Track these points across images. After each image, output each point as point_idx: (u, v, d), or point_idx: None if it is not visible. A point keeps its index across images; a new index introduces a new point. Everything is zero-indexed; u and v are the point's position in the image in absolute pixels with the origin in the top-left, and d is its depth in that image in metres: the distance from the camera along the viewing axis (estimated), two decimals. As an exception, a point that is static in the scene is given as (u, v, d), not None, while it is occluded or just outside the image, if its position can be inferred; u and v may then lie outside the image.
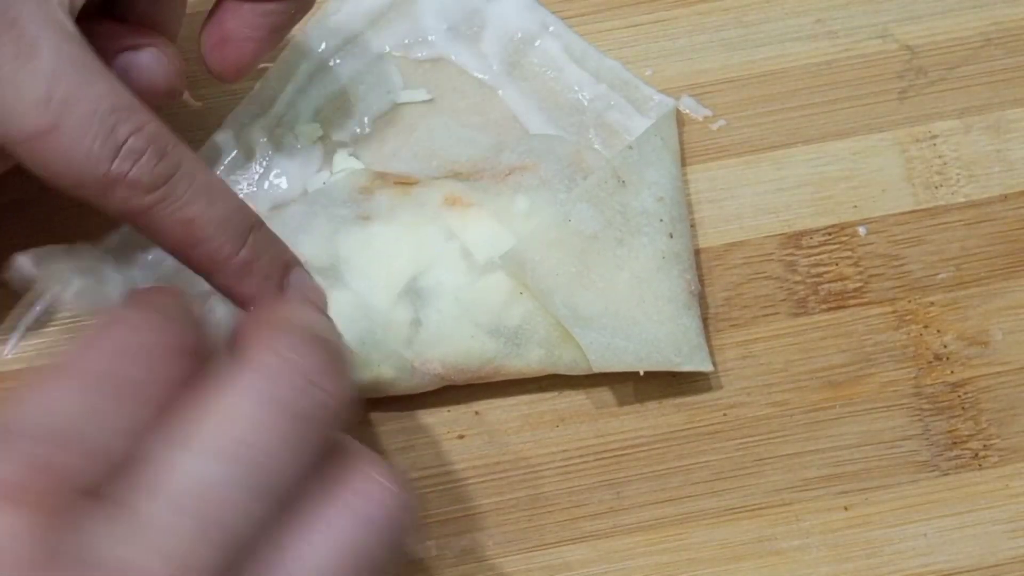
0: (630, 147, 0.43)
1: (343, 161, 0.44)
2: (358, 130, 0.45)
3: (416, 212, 0.41)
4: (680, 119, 0.45)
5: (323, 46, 0.46)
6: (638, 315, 0.41)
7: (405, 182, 0.43)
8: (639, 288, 0.41)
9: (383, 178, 0.43)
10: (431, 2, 0.46)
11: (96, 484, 0.28)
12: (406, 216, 0.41)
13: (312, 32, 0.46)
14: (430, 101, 0.45)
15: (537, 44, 0.46)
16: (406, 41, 0.46)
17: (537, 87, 0.45)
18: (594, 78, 0.45)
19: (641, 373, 0.41)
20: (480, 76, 0.45)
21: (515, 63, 0.46)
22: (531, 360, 0.41)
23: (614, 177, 0.42)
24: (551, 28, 0.46)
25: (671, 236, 0.42)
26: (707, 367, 0.41)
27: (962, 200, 0.45)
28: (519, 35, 0.46)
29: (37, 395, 0.30)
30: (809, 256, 0.44)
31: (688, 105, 0.46)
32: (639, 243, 0.42)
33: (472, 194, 0.42)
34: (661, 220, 0.42)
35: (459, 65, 0.46)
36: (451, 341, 0.41)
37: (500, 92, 0.45)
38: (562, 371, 0.42)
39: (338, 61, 0.46)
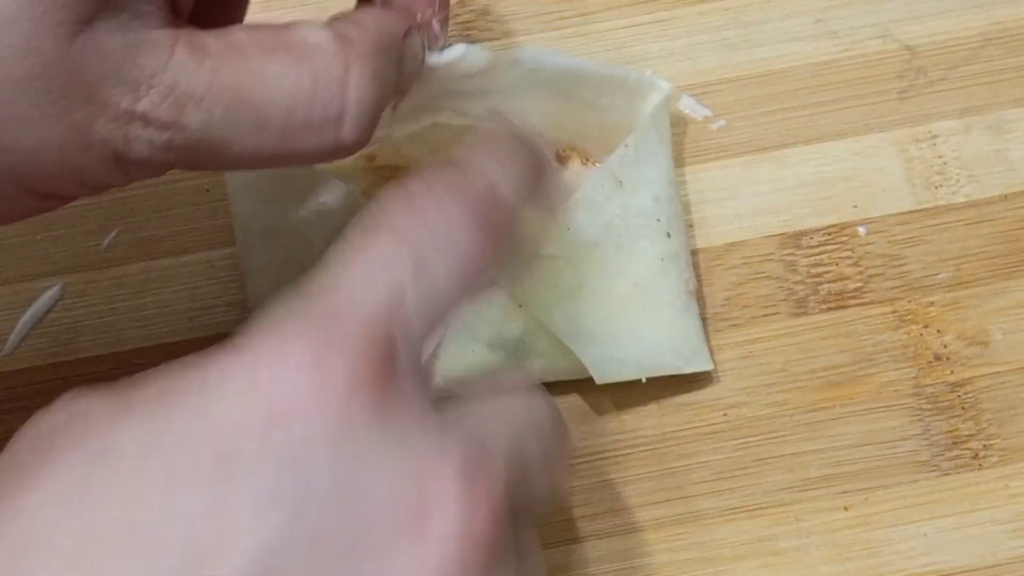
0: (627, 145, 0.43)
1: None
2: None
3: None
4: (680, 119, 0.45)
5: None
6: (638, 322, 0.41)
7: (397, 175, 0.42)
8: (639, 294, 0.41)
9: (375, 171, 0.42)
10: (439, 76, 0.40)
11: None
12: None
13: None
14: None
15: (539, 69, 0.42)
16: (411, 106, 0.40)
17: (545, 106, 0.43)
18: (597, 90, 0.43)
19: (643, 380, 0.41)
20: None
21: (525, 90, 0.42)
22: (533, 371, 0.41)
23: (612, 179, 0.42)
24: (563, 63, 0.42)
25: (668, 236, 0.42)
26: (708, 367, 0.41)
27: (962, 200, 0.45)
28: (525, 69, 0.42)
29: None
30: (809, 256, 0.44)
31: (688, 105, 0.46)
32: (639, 247, 0.41)
33: None
34: (658, 220, 0.42)
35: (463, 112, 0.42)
36: (451, 355, 0.40)
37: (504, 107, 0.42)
38: (564, 378, 0.42)
39: None
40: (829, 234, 0.44)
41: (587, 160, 0.44)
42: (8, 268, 0.44)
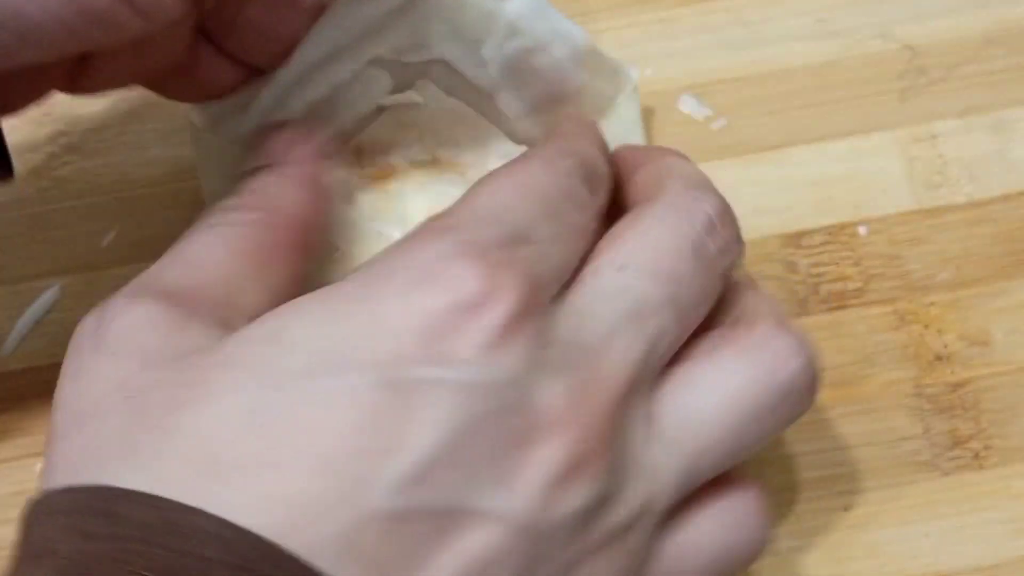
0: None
1: None
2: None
3: (397, 226, 0.40)
4: (680, 119, 0.45)
5: (308, 57, 0.40)
6: None
7: (382, 175, 0.42)
8: None
9: (360, 171, 0.42)
10: (439, 4, 0.41)
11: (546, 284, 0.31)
12: (384, 240, 0.40)
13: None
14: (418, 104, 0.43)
15: (544, 52, 0.42)
16: (402, 45, 0.42)
17: (538, 92, 0.42)
18: (590, 73, 0.43)
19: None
20: (476, 82, 0.42)
21: (516, 69, 0.42)
22: None
23: None
24: (561, 31, 0.42)
25: None
26: None
27: (963, 200, 0.44)
28: (528, 43, 0.42)
29: (481, 196, 0.33)
30: (809, 256, 0.44)
31: (688, 105, 0.46)
32: None
33: None
34: None
35: (455, 67, 0.42)
36: None
37: (496, 97, 0.42)
38: None
39: (323, 70, 0.41)
40: (830, 234, 0.44)
41: None
42: (8, 268, 0.44)
